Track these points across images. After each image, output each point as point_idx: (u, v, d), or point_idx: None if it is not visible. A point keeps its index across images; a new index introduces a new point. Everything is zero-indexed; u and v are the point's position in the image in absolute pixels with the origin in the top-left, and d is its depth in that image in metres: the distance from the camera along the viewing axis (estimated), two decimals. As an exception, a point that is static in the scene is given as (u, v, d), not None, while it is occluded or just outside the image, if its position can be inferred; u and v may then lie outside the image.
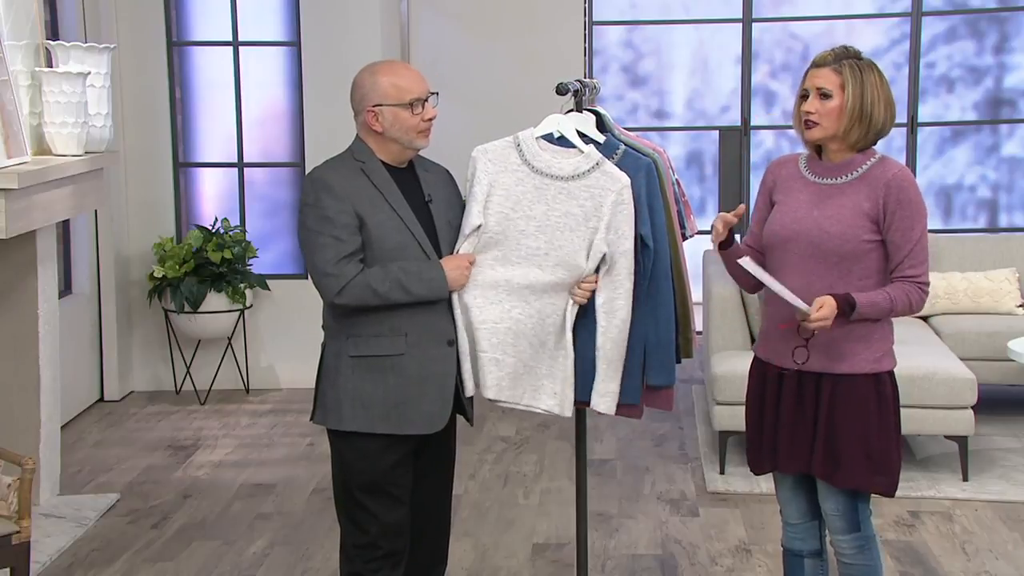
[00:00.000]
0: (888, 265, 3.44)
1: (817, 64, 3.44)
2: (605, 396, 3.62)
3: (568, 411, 3.63)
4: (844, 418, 3.44)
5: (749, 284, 3.65)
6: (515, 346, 3.56)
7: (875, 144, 3.46)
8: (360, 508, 3.55)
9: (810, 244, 3.42)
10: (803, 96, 3.46)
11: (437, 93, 3.56)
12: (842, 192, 3.43)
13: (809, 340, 3.42)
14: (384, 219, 3.46)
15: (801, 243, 3.44)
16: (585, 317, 3.60)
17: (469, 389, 3.58)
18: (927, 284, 3.43)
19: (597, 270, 3.57)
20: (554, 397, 3.60)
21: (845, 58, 3.40)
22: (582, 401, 3.68)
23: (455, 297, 3.55)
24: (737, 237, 3.65)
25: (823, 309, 3.33)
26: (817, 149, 3.52)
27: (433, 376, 3.51)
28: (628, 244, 3.56)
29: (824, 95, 3.40)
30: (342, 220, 3.42)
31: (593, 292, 3.57)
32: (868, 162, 3.44)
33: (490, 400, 3.61)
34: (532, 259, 3.54)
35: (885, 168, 3.42)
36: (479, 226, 3.55)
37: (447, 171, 3.71)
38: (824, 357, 3.44)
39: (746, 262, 3.46)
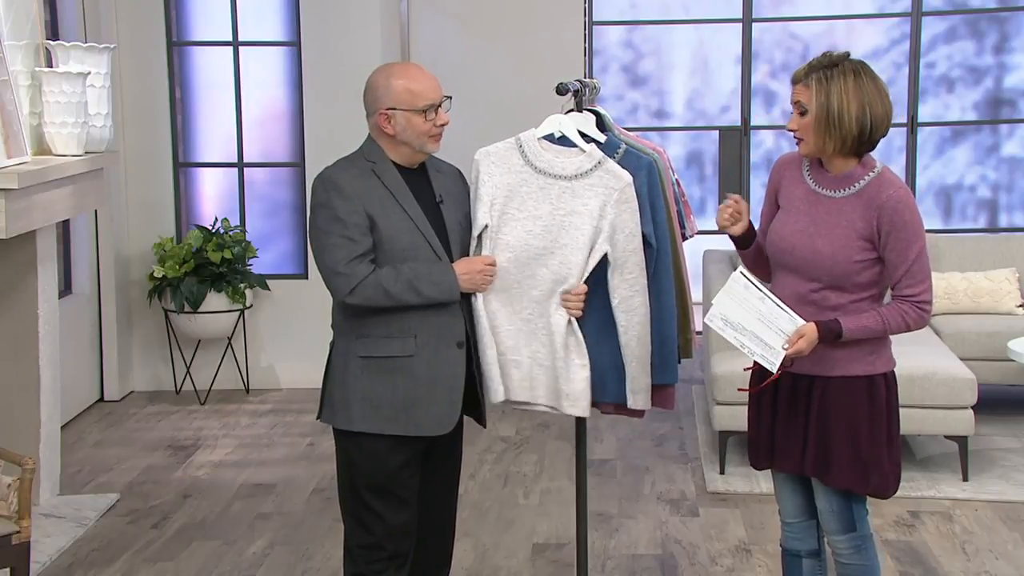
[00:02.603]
0: (890, 283, 3.44)
1: (793, 80, 3.44)
2: (639, 393, 3.64)
3: (587, 411, 3.63)
4: (834, 420, 3.44)
5: (764, 275, 3.67)
6: (528, 346, 3.58)
7: (871, 148, 3.44)
8: (366, 509, 3.54)
9: (802, 260, 3.43)
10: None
11: (451, 97, 3.55)
12: (839, 209, 3.41)
13: (791, 364, 3.43)
14: (395, 220, 3.46)
15: (795, 257, 3.44)
16: (597, 320, 3.60)
17: (500, 395, 3.58)
18: (927, 303, 3.40)
19: (598, 274, 3.57)
20: (567, 399, 3.61)
21: (818, 69, 3.37)
22: (601, 402, 3.68)
23: (477, 303, 3.55)
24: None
25: (800, 342, 3.35)
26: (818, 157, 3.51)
27: (442, 378, 3.51)
28: (637, 242, 3.57)
29: (801, 111, 3.40)
30: (353, 220, 3.42)
31: (604, 288, 3.57)
32: (867, 176, 3.41)
33: (514, 403, 3.61)
34: (540, 259, 3.55)
35: (881, 187, 3.38)
36: (486, 226, 3.56)
37: (459, 171, 3.70)
38: (816, 360, 3.44)
39: (714, 322, 3.48)
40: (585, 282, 3.57)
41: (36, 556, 4.71)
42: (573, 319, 3.56)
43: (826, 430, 3.45)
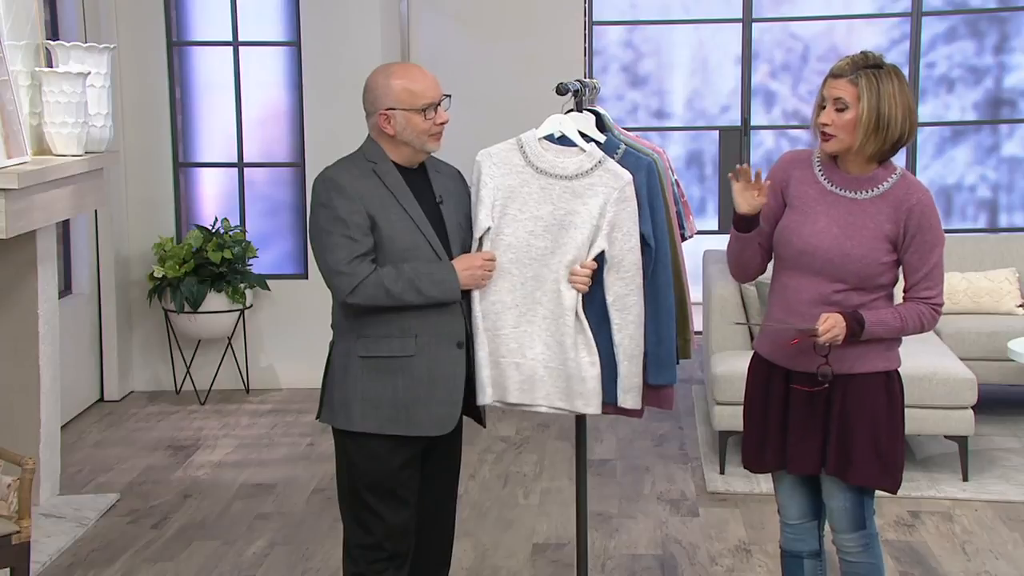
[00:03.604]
0: (904, 284, 3.44)
1: (834, 74, 3.37)
2: (630, 391, 3.62)
3: (598, 408, 3.61)
4: (856, 417, 3.45)
5: (743, 273, 3.65)
6: (532, 348, 3.57)
7: (895, 153, 3.42)
8: (366, 509, 3.54)
9: (828, 262, 3.41)
10: (821, 106, 3.41)
11: (450, 96, 3.55)
12: (863, 211, 3.40)
13: (828, 355, 3.42)
14: (395, 220, 3.46)
15: (819, 259, 3.42)
16: (594, 319, 3.60)
17: (487, 396, 3.57)
18: (941, 306, 3.43)
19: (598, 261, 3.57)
20: (581, 398, 3.59)
21: (863, 67, 3.33)
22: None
23: (476, 303, 3.55)
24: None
25: (829, 321, 3.34)
26: (833, 155, 3.48)
27: (442, 378, 3.51)
28: (634, 241, 3.57)
29: (840, 107, 3.35)
30: (354, 220, 3.42)
31: (600, 285, 3.57)
32: (890, 179, 3.41)
33: (511, 404, 3.60)
34: (541, 259, 3.55)
35: (908, 191, 3.38)
36: (488, 228, 3.55)
37: (458, 171, 3.70)
38: (836, 360, 3.44)
39: (744, 324, 3.55)
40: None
41: (36, 556, 4.71)
42: (582, 316, 3.55)
43: (848, 427, 3.45)
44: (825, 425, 3.48)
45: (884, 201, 3.39)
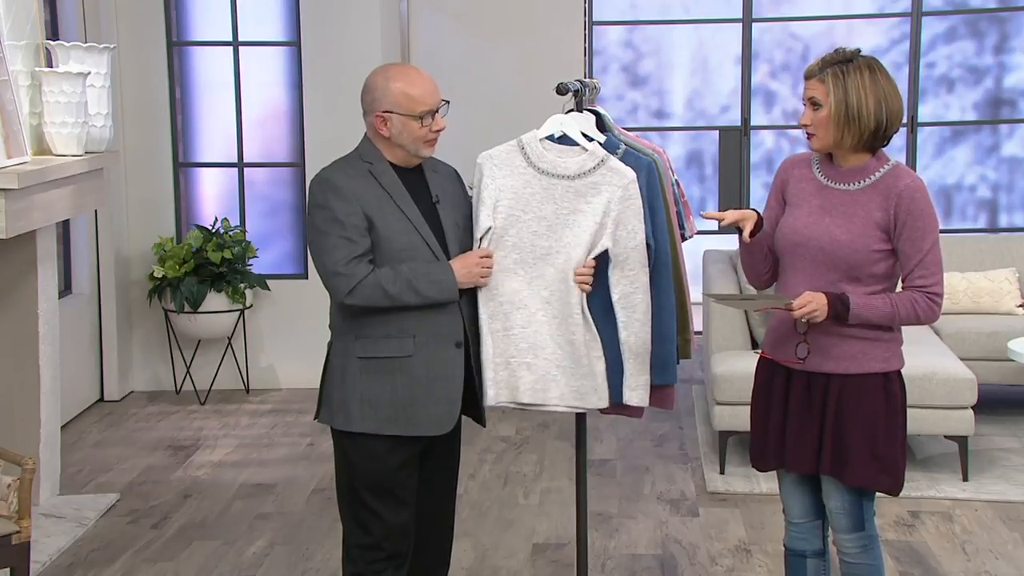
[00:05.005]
0: (902, 274, 3.45)
1: (806, 76, 3.47)
2: (636, 389, 3.63)
3: (606, 400, 3.62)
4: (853, 417, 3.45)
5: (756, 278, 3.66)
6: (544, 348, 3.57)
7: (886, 144, 3.46)
8: (365, 509, 3.55)
9: (820, 251, 3.43)
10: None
11: (448, 102, 3.55)
12: (854, 200, 3.43)
13: (807, 334, 3.43)
14: (392, 220, 3.46)
15: (811, 249, 3.44)
16: (597, 317, 3.60)
17: (490, 398, 3.57)
18: (939, 295, 3.41)
19: (599, 271, 3.57)
20: (595, 393, 3.60)
21: (832, 64, 3.41)
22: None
23: (482, 304, 3.55)
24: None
25: (806, 296, 3.36)
26: (828, 153, 3.52)
27: (441, 378, 3.51)
28: (639, 238, 3.57)
29: (815, 105, 3.42)
30: (351, 221, 3.42)
31: (605, 283, 3.57)
32: (882, 169, 3.44)
33: (524, 405, 3.60)
34: (546, 259, 3.55)
35: (898, 177, 3.41)
36: (489, 228, 3.55)
37: (455, 171, 3.70)
38: (833, 358, 3.45)
39: (711, 298, 3.64)
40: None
41: (36, 556, 4.71)
42: (587, 312, 3.56)
43: (844, 427, 3.45)
44: (821, 425, 3.49)
45: (874, 190, 3.42)
